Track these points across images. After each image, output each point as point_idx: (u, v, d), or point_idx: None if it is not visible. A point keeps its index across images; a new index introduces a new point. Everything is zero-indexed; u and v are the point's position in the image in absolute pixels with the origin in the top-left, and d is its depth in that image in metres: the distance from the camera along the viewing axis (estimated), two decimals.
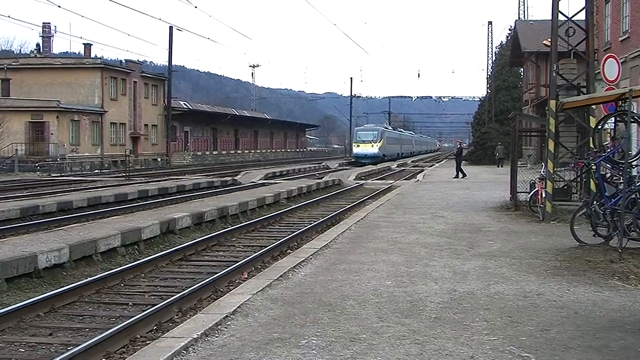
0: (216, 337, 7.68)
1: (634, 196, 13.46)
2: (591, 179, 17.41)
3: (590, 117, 19.24)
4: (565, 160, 20.51)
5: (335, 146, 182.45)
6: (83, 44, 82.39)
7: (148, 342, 8.68)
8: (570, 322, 8.26)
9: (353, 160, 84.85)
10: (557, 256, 12.95)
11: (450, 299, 9.42)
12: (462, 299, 9.43)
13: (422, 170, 57.71)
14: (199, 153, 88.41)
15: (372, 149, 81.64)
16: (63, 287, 12.10)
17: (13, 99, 64.21)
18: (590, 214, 14.28)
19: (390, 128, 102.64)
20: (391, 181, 44.33)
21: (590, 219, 14.37)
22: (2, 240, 15.61)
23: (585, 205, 14.78)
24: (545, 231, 16.64)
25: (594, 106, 19.04)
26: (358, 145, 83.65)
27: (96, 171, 61.40)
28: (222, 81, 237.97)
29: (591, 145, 18.05)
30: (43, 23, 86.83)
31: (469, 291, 9.89)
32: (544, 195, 18.79)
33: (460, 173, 42.35)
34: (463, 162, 45.77)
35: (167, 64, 78.23)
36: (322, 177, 44.56)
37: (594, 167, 15.33)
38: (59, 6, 32.72)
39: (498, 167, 53.56)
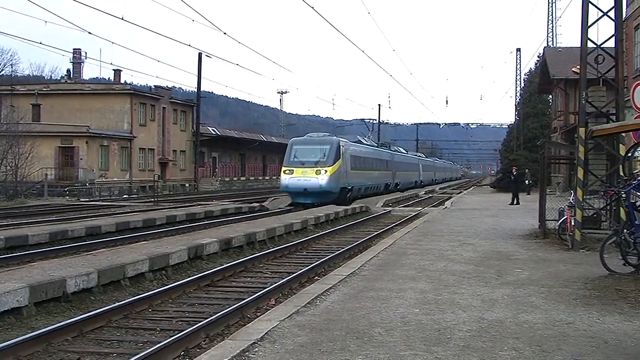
0: None
1: None
2: (621, 207, 17.25)
3: (620, 144, 19.10)
4: (595, 188, 20.37)
5: None
6: (113, 69, 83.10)
7: None
8: (600, 352, 8.17)
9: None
10: (586, 285, 12.84)
11: (478, 327, 9.35)
12: (490, 327, 9.36)
13: (450, 198, 57.53)
14: (227, 179, 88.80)
15: (315, 178, 45.03)
16: (91, 311, 12.17)
17: (43, 124, 64.74)
18: (620, 243, 14.15)
19: (366, 142, 63.34)
20: (419, 208, 44.23)
21: (620, 247, 14.23)
22: (31, 264, 15.72)
23: (615, 234, 14.64)
24: (574, 259, 16.50)
25: (623, 134, 18.93)
26: (291, 172, 45.93)
27: (125, 196, 61.83)
28: (250, 107, 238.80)
29: (621, 173, 17.97)
30: (74, 49, 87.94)
31: (497, 319, 9.81)
32: (573, 223, 18.63)
33: (515, 199, 42.07)
34: (493, 189, 45.21)
35: (196, 90, 78.64)
36: (349, 204, 44.51)
37: (624, 195, 15.21)
38: (90, 32, 33.13)
39: (528, 194, 52.91)
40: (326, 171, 45.37)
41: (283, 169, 47.05)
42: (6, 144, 53.50)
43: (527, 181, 55.65)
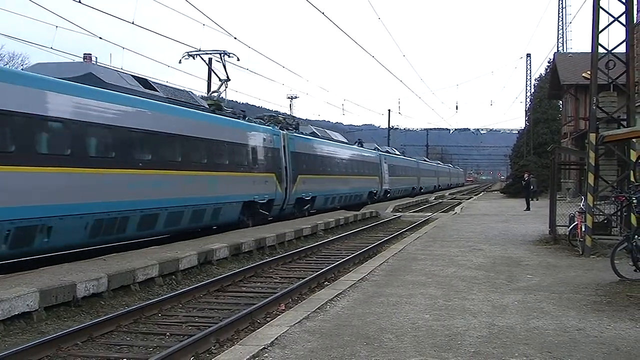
0: None
1: None
2: (632, 213, 17.21)
3: (631, 150, 19.04)
4: (605, 194, 20.29)
5: None
6: None
7: None
8: (611, 359, 8.13)
9: None
10: (597, 291, 12.78)
11: (489, 333, 9.32)
12: (501, 333, 9.32)
13: (460, 203, 57.47)
14: None
15: None
16: (101, 316, 12.21)
17: None
18: (632, 249, 14.11)
19: (203, 106, 28.55)
20: (429, 213, 44.21)
21: (631, 253, 14.20)
22: (42, 268, 15.74)
23: (626, 240, 14.58)
24: (585, 265, 16.44)
25: (634, 139, 18.86)
26: None
27: None
28: (260, 112, 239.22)
29: (632, 179, 17.91)
30: (84, 54, 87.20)
31: (508, 325, 9.78)
32: (583, 229, 18.57)
33: (527, 205, 42.06)
34: (503, 194, 45.07)
35: (206, 95, 78.72)
36: (359, 209, 44.47)
37: (634, 201, 15.17)
38: (100, 38, 33.09)
39: (534, 200, 52.44)
40: None
41: None
42: None
43: (532, 187, 54.99)
